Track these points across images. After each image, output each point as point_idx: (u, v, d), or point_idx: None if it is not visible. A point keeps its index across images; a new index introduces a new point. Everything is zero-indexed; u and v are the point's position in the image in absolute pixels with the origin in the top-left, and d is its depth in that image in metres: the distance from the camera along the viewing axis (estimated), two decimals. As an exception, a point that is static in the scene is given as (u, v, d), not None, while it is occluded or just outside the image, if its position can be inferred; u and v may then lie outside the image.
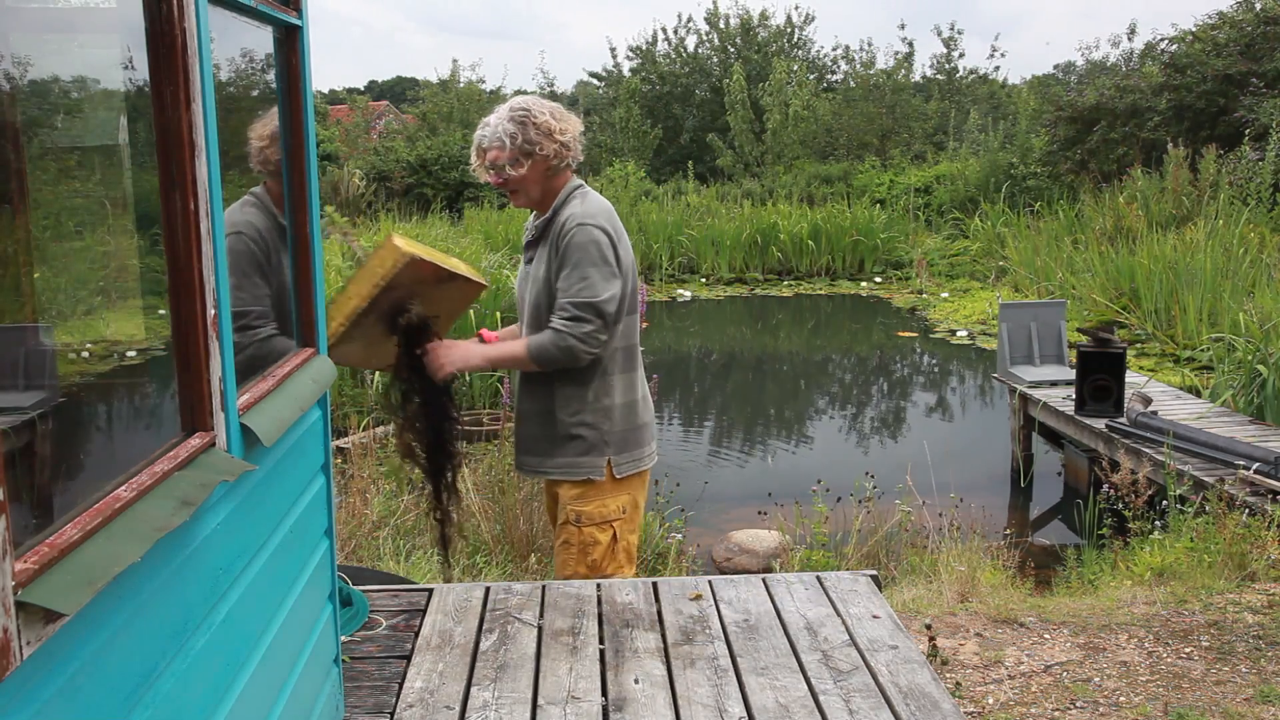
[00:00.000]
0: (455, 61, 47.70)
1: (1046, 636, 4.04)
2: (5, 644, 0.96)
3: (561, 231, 3.08)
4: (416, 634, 2.82)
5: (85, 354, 1.57)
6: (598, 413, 3.16)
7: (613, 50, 38.25)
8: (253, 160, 2.10)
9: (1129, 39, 30.40)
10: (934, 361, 12.56)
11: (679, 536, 5.52)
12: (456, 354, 3.15)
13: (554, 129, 3.11)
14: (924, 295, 15.84)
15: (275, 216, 2.18)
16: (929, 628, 3.83)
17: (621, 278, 3.10)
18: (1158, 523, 5.27)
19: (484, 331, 3.48)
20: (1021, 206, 17.92)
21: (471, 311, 9.36)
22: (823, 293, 17.01)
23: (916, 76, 26.68)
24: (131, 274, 1.66)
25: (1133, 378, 7.77)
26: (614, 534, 3.24)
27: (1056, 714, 3.46)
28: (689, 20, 34.92)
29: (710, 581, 3.14)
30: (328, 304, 2.57)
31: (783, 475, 7.69)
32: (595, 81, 30.05)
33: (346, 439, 7.23)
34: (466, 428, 8.11)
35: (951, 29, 31.26)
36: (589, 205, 3.14)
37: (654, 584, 3.12)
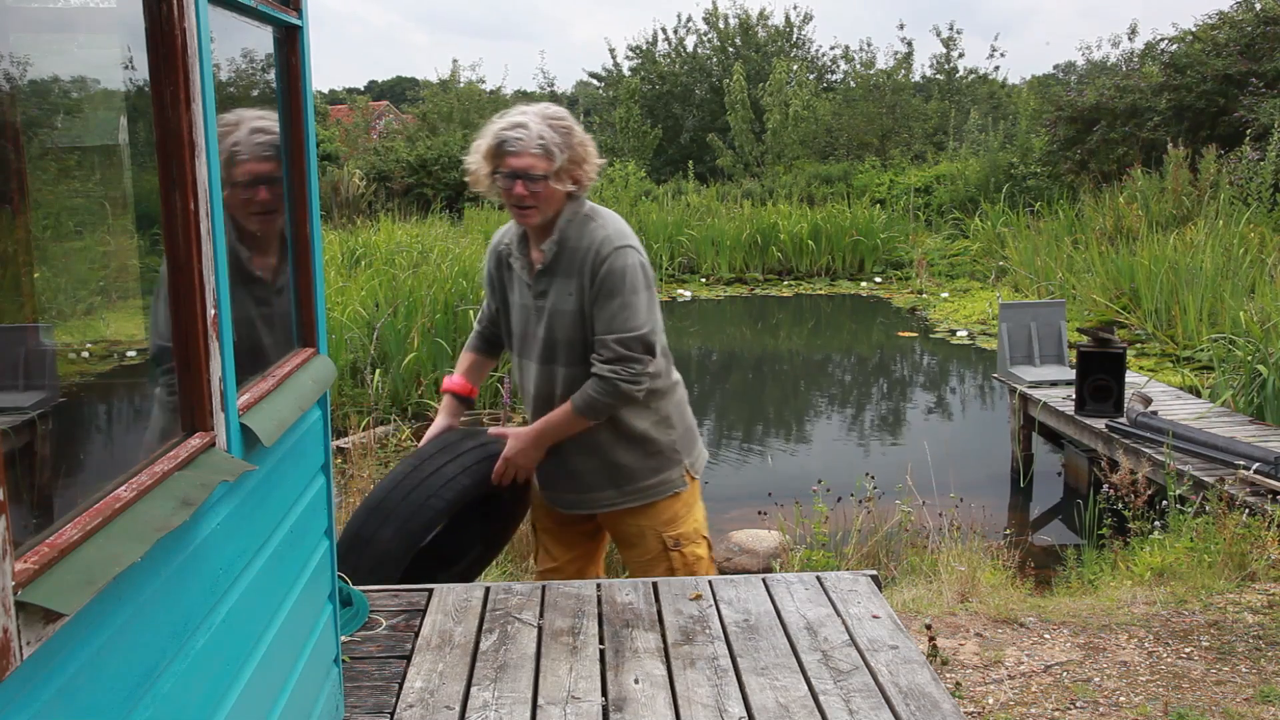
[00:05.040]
0: (455, 61, 47.76)
1: (1046, 636, 4.04)
2: (5, 644, 0.96)
3: (595, 258, 2.77)
4: (416, 634, 2.81)
5: (85, 354, 1.57)
6: (659, 422, 2.95)
7: (612, 50, 38.27)
8: None
9: (1129, 39, 30.52)
10: (934, 361, 12.56)
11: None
12: (525, 459, 2.93)
13: (590, 152, 2.80)
14: (924, 295, 15.83)
15: None
16: (929, 628, 3.83)
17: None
18: (1158, 523, 5.27)
19: (452, 383, 3.18)
20: (1021, 206, 17.91)
21: (471, 313, 9.37)
22: (823, 293, 17.00)
23: (916, 76, 26.73)
24: (131, 274, 1.66)
25: (1133, 378, 7.77)
26: (708, 543, 3.11)
27: (1056, 714, 3.46)
28: (688, 20, 34.99)
29: (710, 581, 3.14)
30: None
31: (783, 475, 7.69)
32: (595, 81, 30.09)
33: (346, 439, 7.23)
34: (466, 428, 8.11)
35: (951, 29, 31.37)
36: (613, 225, 2.84)
37: (654, 584, 3.12)
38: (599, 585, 3.10)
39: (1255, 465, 5.59)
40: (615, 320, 2.77)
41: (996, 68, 41.88)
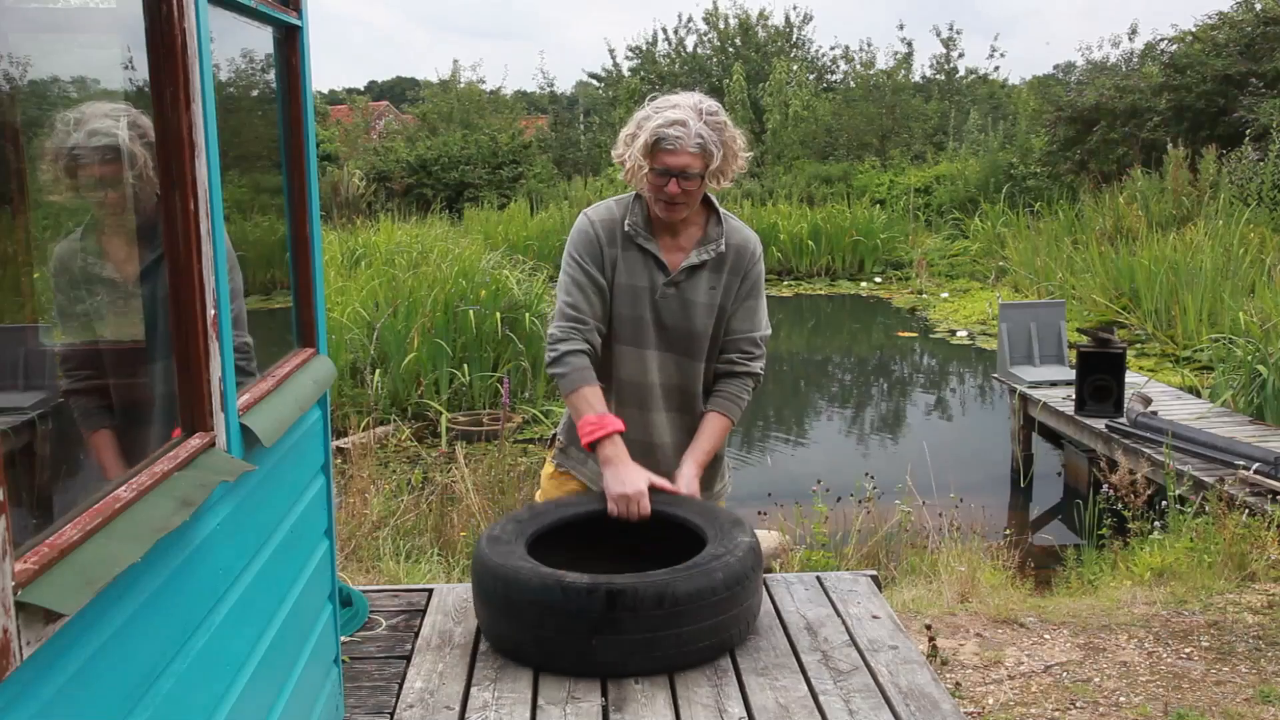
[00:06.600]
0: (456, 62, 47.75)
1: (1046, 636, 4.04)
2: (5, 644, 0.96)
3: (751, 257, 2.80)
4: (416, 634, 2.81)
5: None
6: None
7: (611, 51, 38.25)
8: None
9: (1129, 39, 30.52)
10: (934, 362, 12.56)
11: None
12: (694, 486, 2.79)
13: (739, 147, 2.75)
14: (924, 295, 15.83)
15: None
16: (929, 628, 3.83)
17: None
18: (1157, 523, 5.27)
19: (617, 422, 2.72)
20: (1021, 206, 17.92)
21: (471, 313, 9.37)
22: (823, 293, 17.01)
23: (916, 77, 26.74)
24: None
25: (1133, 378, 7.77)
26: None
27: (1056, 714, 3.46)
28: (688, 20, 34.98)
29: (710, 581, 3.14)
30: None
31: (783, 475, 7.68)
32: (595, 81, 30.07)
33: (346, 439, 7.23)
34: (466, 428, 8.11)
35: (950, 29, 31.40)
36: (744, 225, 2.86)
37: (654, 584, 3.12)
38: (599, 585, 3.09)
39: (1255, 465, 5.59)
40: (757, 317, 2.83)
41: (996, 68, 41.91)
